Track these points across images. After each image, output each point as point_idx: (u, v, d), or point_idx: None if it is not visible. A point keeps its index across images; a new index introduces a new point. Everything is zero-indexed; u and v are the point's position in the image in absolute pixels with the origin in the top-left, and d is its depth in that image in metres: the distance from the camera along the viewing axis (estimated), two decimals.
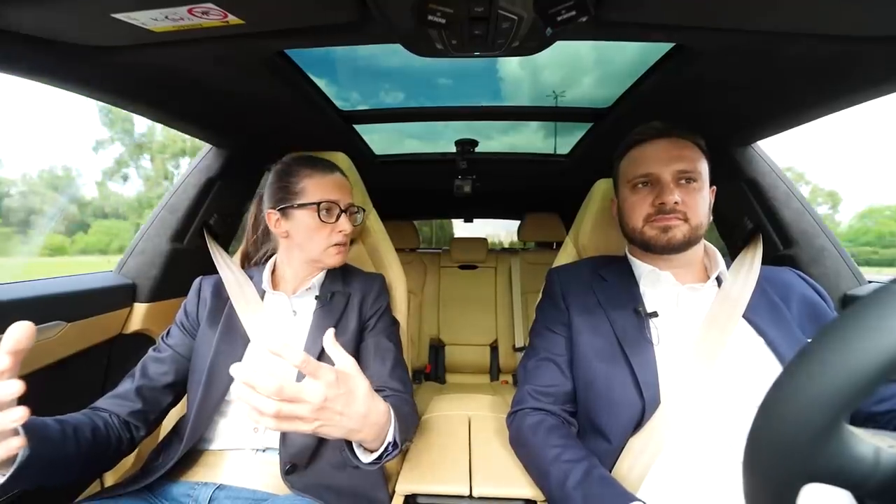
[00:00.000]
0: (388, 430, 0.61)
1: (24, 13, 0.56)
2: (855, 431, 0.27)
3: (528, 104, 1.25)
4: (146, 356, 0.79)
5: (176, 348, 0.80)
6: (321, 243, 0.81)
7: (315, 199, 0.80)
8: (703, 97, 0.89)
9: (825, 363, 0.26)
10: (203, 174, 1.13)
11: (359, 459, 0.61)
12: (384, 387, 0.78)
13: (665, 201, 0.70)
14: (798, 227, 1.03)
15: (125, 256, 1.09)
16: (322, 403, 0.49)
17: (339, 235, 0.82)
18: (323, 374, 0.49)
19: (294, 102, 0.98)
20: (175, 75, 0.78)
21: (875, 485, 0.27)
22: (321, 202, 0.80)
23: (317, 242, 0.81)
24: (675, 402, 0.64)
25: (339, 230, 0.82)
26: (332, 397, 0.50)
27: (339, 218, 0.82)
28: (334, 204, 0.81)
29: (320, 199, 0.80)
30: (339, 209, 0.82)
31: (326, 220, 0.81)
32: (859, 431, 0.27)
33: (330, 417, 0.51)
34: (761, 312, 0.70)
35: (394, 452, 0.62)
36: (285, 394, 0.46)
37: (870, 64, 0.69)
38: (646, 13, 0.60)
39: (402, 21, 0.61)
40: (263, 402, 0.46)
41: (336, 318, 0.83)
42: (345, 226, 0.82)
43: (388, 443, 0.61)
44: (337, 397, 0.51)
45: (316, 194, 0.81)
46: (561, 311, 0.83)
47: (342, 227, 0.82)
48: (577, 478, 0.60)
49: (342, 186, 0.85)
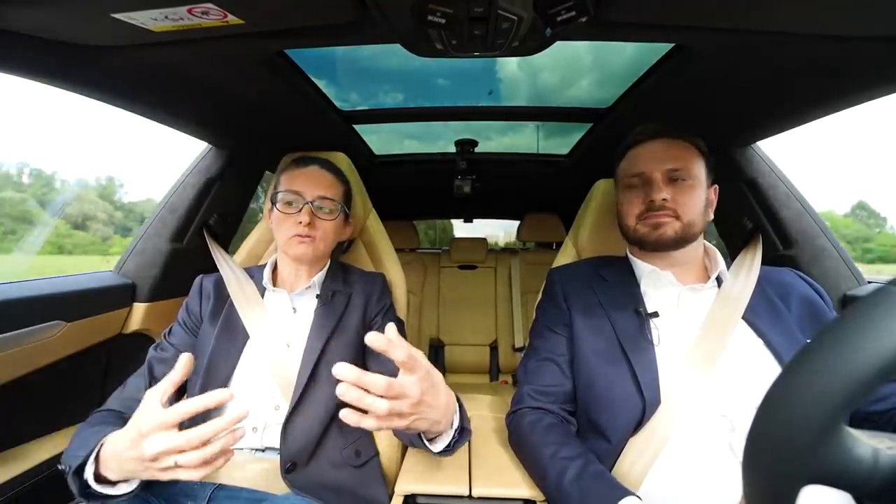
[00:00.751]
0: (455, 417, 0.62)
1: (24, 13, 0.56)
2: (853, 433, 0.27)
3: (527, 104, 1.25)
4: (150, 357, 0.79)
5: (179, 347, 0.80)
6: (283, 234, 0.82)
7: (277, 190, 0.82)
8: (703, 97, 0.89)
9: (823, 365, 0.26)
10: (203, 174, 1.13)
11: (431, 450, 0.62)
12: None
13: (653, 199, 0.72)
14: (798, 228, 1.03)
15: (124, 256, 1.09)
16: (420, 397, 0.49)
17: (298, 226, 0.80)
18: (419, 368, 0.49)
19: (294, 102, 0.98)
20: (175, 75, 0.78)
21: (874, 486, 0.27)
22: (279, 192, 0.82)
23: (281, 233, 0.82)
24: (676, 403, 0.64)
25: (297, 221, 0.80)
26: (425, 390, 0.50)
27: (301, 209, 0.81)
28: (296, 194, 0.81)
29: (280, 190, 0.82)
30: (302, 200, 0.81)
31: (284, 211, 0.81)
32: (857, 433, 0.27)
33: (423, 410, 0.51)
34: (761, 313, 0.70)
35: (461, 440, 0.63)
36: (392, 391, 0.46)
37: (870, 64, 0.69)
38: (645, 13, 0.60)
39: (401, 21, 0.62)
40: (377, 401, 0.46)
41: (337, 317, 0.83)
42: (303, 217, 0.80)
43: (456, 428, 0.62)
44: (428, 390, 0.51)
45: (280, 185, 0.83)
46: (562, 310, 0.83)
47: (300, 217, 0.80)
48: (573, 474, 0.61)
49: (312, 179, 0.83)
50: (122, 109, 0.87)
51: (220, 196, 1.17)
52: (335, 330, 0.81)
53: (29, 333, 0.81)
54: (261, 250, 1.13)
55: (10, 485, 0.76)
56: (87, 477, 0.54)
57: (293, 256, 0.84)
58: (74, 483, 0.55)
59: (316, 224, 0.81)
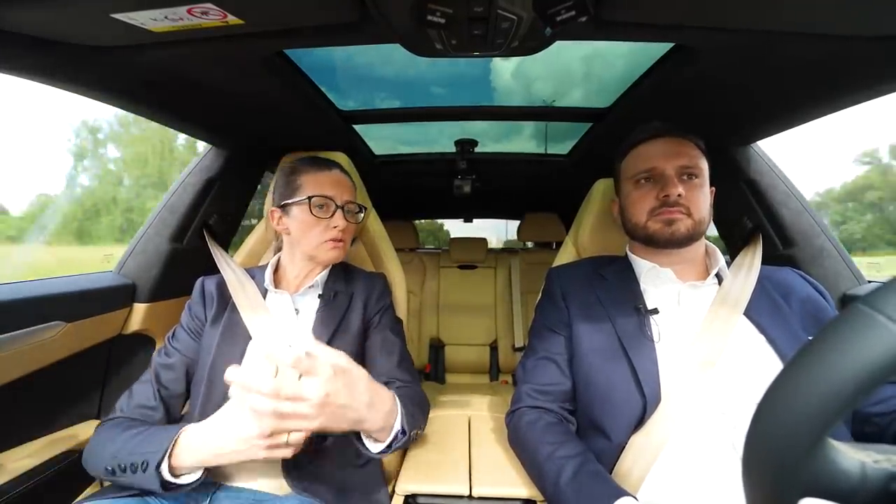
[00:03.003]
0: (395, 419, 0.63)
1: (24, 13, 0.56)
2: (839, 447, 0.28)
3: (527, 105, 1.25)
4: (156, 363, 0.78)
5: (184, 352, 0.80)
6: (316, 238, 0.82)
7: (309, 195, 0.81)
8: (703, 97, 0.89)
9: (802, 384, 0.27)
10: (203, 174, 1.13)
11: (368, 450, 0.62)
12: (393, 379, 0.79)
13: (669, 193, 0.71)
14: (797, 227, 1.03)
15: (125, 256, 1.09)
16: (324, 399, 0.50)
17: (334, 231, 0.82)
18: (320, 370, 0.50)
19: (294, 102, 0.98)
20: (174, 75, 0.78)
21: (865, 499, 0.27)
22: (313, 197, 0.81)
23: (312, 238, 0.82)
24: (676, 400, 0.64)
25: (333, 226, 0.82)
26: (332, 392, 0.51)
27: (334, 214, 0.82)
28: (329, 199, 0.82)
29: (313, 194, 0.81)
30: (334, 205, 0.82)
31: (319, 216, 0.81)
32: (844, 447, 0.28)
33: (333, 412, 0.52)
34: (762, 310, 0.70)
35: (402, 440, 0.63)
36: (284, 393, 0.47)
37: (869, 63, 0.69)
38: (645, 13, 0.60)
39: (401, 21, 0.61)
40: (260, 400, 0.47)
41: (339, 317, 0.83)
42: (339, 222, 0.82)
43: (397, 431, 0.62)
44: (338, 391, 0.52)
45: (310, 190, 0.82)
46: (561, 310, 0.82)
47: (336, 222, 0.82)
48: (570, 474, 0.61)
49: (339, 183, 0.85)
50: (122, 109, 0.87)
51: (220, 196, 1.17)
52: (337, 330, 0.81)
53: (29, 334, 0.80)
54: (261, 250, 1.13)
55: (10, 485, 0.76)
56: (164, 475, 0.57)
57: (325, 260, 0.85)
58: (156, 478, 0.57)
59: (347, 228, 0.84)
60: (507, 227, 6.67)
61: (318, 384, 0.50)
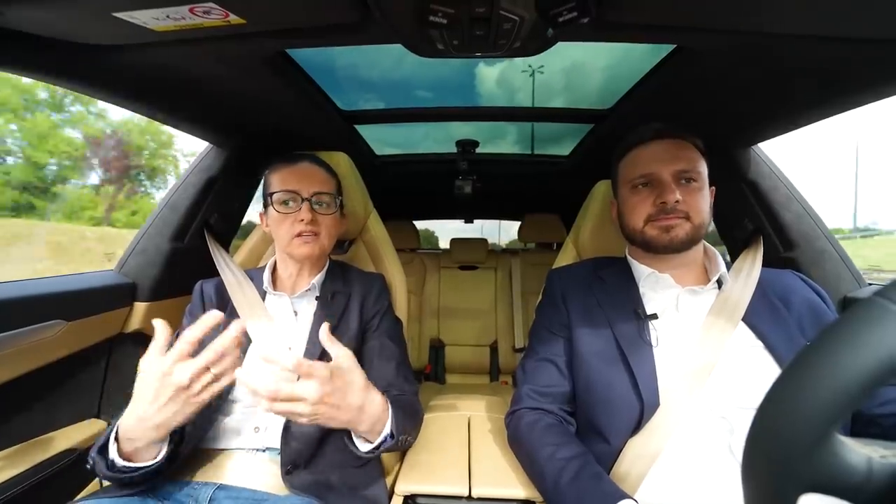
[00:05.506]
0: (385, 422, 0.64)
1: (26, 12, 0.57)
2: (846, 442, 0.28)
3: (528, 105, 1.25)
4: None
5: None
6: (285, 234, 0.81)
7: (272, 191, 0.81)
8: (704, 99, 0.89)
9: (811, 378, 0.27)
10: (204, 173, 1.13)
11: (356, 448, 0.65)
12: (390, 387, 0.78)
13: (666, 200, 0.70)
14: (798, 230, 1.03)
15: (125, 255, 1.09)
16: (318, 399, 0.53)
17: (300, 224, 0.80)
18: (317, 372, 0.54)
19: (295, 102, 0.98)
20: (176, 75, 0.79)
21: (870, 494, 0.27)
22: (275, 192, 0.81)
23: (282, 234, 0.81)
24: (674, 404, 0.64)
25: (299, 219, 0.80)
26: (328, 392, 0.54)
27: (301, 207, 0.80)
28: (293, 193, 0.80)
29: (276, 190, 0.81)
30: (300, 198, 0.80)
31: (283, 211, 0.80)
32: (851, 442, 0.28)
33: (326, 411, 0.55)
34: (761, 315, 0.70)
35: (390, 443, 0.64)
36: (281, 395, 0.52)
37: (871, 66, 0.69)
38: (647, 14, 0.60)
39: (403, 22, 0.62)
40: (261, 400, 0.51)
41: (337, 318, 0.83)
42: (304, 215, 0.79)
43: (385, 435, 0.64)
44: (333, 392, 0.55)
45: (274, 186, 0.82)
46: (560, 312, 0.82)
47: (301, 215, 0.79)
48: (571, 475, 0.61)
49: (305, 175, 0.83)
50: (124, 108, 0.87)
51: (221, 195, 1.17)
52: (335, 331, 0.81)
53: (29, 333, 0.81)
54: (262, 250, 1.13)
55: (10, 483, 0.76)
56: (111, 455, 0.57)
57: (298, 257, 0.83)
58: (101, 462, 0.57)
59: (318, 220, 0.81)
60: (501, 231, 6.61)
61: (314, 386, 0.53)
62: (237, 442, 0.73)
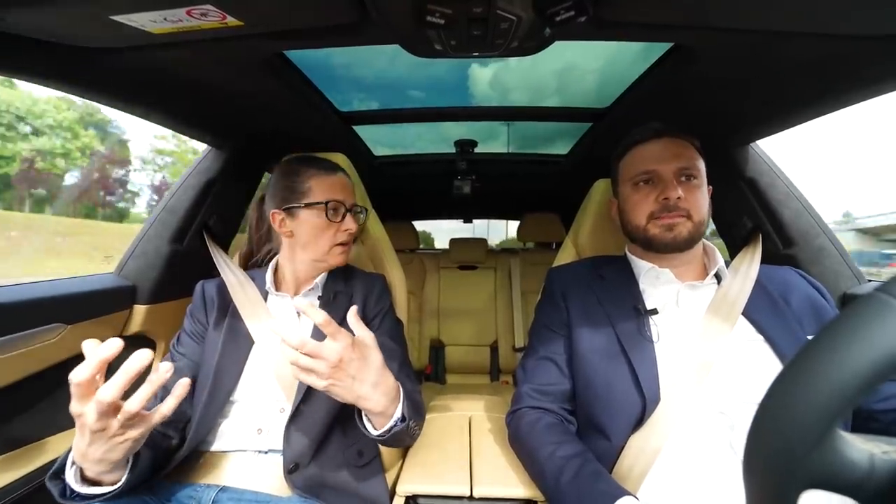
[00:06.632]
0: (396, 407, 0.64)
1: (23, 15, 0.56)
2: (848, 438, 0.28)
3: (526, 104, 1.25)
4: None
5: (191, 357, 0.79)
6: (327, 243, 0.82)
7: (322, 199, 0.81)
8: (702, 97, 0.90)
9: (813, 374, 0.27)
10: (202, 175, 1.13)
11: (367, 431, 0.65)
12: None
13: (668, 196, 0.71)
14: (797, 227, 1.03)
15: (125, 258, 1.09)
16: (337, 362, 0.55)
17: (345, 234, 0.83)
18: (341, 337, 0.56)
19: (293, 104, 0.98)
20: (174, 77, 0.78)
21: (871, 490, 0.27)
22: (329, 201, 0.81)
23: (322, 242, 0.82)
24: (675, 400, 0.64)
25: (344, 229, 0.83)
26: (346, 359, 0.56)
27: (344, 217, 0.83)
28: (340, 203, 0.82)
29: (328, 199, 0.81)
30: (344, 209, 0.83)
31: (333, 220, 0.81)
32: (852, 438, 0.28)
33: (342, 378, 0.57)
34: (761, 310, 0.70)
35: (400, 426, 0.64)
36: (307, 349, 0.54)
37: (868, 63, 0.69)
38: (644, 13, 0.61)
39: (400, 22, 0.62)
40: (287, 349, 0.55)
41: (339, 318, 0.82)
42: (350, 225, 0.83)
43: (397, 418, 0.64)
44: (351, 361, 0.57)
45: (323, 194, 0.81)
46: (560, 310, 0.82)
47: (348, 226, 0.83)
48: (571, 474, 0.61)
49: (346, 186, 0.86)
50: (121, 111, 0.87)
51: (219, 197, 1.17)
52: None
53: (29, 336, 0.80)
54: None
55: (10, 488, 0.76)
56: (68, 480, 0.57)
57: (335, 264, 0.85)
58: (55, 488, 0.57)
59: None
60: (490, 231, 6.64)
61: (336, 348, 0.55)
62: (239, 444, 0.73)
